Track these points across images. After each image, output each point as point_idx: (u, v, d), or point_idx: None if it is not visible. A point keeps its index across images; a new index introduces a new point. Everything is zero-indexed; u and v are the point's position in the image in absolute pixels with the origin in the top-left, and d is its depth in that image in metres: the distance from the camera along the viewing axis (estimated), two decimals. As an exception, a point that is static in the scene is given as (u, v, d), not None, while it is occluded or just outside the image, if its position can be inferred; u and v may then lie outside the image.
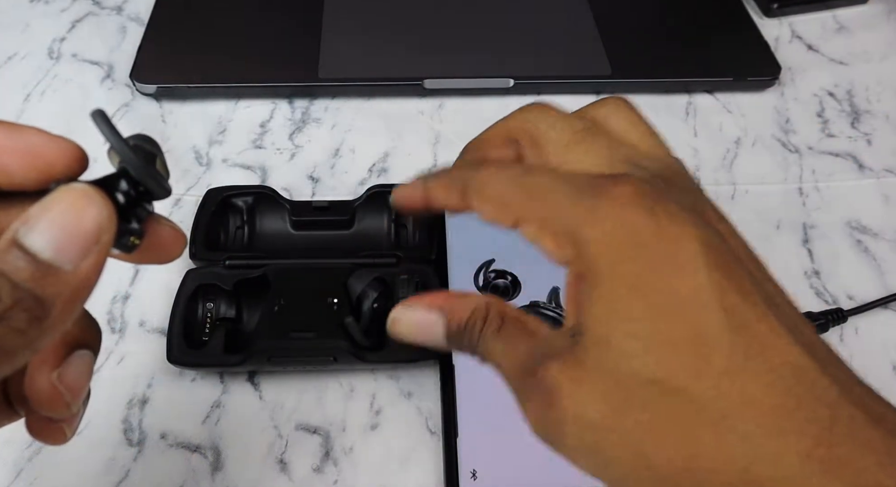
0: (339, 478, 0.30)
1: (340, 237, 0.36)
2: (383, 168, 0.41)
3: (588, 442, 0.17)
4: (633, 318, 0.17)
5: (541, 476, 0.29)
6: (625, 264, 0.18)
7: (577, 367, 0.18)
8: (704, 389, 0.16)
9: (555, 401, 0.18)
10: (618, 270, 0.18)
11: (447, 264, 0.35)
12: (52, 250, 0.15)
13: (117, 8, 0.50)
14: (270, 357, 0.31)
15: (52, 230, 0.16)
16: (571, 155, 0.21)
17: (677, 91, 0.46)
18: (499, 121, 0.23)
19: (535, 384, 0.18)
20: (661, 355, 0.17)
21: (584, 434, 0.17)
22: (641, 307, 0.17)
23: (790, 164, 0.43)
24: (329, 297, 0.32)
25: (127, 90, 0.45)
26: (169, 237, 0.20)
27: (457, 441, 0.29)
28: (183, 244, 0.20)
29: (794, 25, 0.51)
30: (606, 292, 0.18)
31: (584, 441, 0.17)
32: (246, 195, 0.36)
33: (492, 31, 0.48)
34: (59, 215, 0.16)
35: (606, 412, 0.17)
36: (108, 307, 0.35)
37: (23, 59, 0.46)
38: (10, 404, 0.20)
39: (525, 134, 0.22)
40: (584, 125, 0.21)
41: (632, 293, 0.17)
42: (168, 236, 0.20)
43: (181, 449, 0.30)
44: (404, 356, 0.32)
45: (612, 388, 0.17)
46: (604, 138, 0.21)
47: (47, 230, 0.15)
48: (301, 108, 0.44)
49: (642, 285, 0.17)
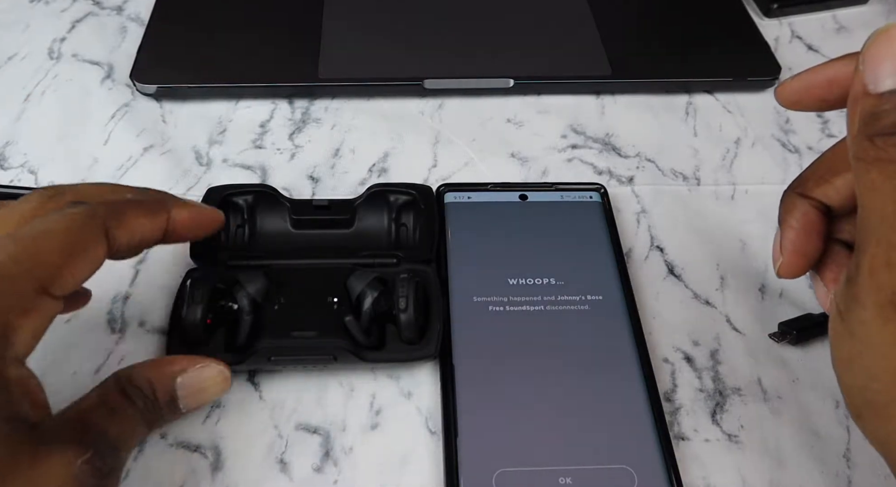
0: (339, 478, 0.30)
1: (341, 236, 0.36)
2: (383, 168, 0.41)
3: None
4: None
5: (541, 475, 0.29)
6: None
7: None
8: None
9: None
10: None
11: (447, 264, 0.35)
12: (186, 409, 0.26)
13: (117, 8, 0.50)
14: (270, 357, 0.31)
15: (192, 397, 0.26)
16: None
17: (677, 91, 0.46)
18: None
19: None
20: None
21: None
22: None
23: (790, 164, 0.43)
24: (329, 296, 0.33)
25: (127, 90, 0.45)
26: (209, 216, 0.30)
27: (457, 441, 0.29)
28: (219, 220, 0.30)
29: (794, 26, 0.51)
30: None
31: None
32: (246, 194, 0.36)
33: (492, 31, 0.48)
34: (202, 390, 0.26)
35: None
36: (108, 307, 0.35)
37: (23, 60, 0.46)
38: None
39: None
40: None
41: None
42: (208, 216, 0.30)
43: (181, 449, 0.30)
44: (404, 356, 0.32)
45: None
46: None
47: (189, 395, 0.26)
48: (301, 108, 0.44)
49: None
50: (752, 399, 0.33)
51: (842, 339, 0.21)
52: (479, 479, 0.28)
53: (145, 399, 0.25)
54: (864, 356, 0.21)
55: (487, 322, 0.33)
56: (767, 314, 0.35)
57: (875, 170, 0.20)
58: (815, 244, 0.26)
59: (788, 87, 0.24)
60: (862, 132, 0.20)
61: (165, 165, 0.41)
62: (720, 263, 0.38)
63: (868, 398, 0.21)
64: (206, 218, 0.29)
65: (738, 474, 0.30)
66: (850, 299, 0.21)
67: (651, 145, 0.43)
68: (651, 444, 0.30)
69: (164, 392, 0.25)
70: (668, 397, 0.33)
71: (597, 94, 0.46)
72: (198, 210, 0.29)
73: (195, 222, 0.28)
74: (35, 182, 0.40)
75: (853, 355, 0.21)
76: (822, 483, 0.30)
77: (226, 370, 0.27)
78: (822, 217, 0.26)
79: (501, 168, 0.42)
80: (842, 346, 0.22)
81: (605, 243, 0.36)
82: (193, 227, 0.28)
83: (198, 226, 0.29)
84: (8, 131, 0.42)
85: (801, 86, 0.24)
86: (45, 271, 0.23)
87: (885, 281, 0.20)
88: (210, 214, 0.29)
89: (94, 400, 0.24)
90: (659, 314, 0.35)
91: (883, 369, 0.20)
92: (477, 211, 0.38)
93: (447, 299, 0.34)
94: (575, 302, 0.34)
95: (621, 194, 0.41)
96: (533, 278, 0.35)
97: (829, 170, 0.26)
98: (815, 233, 0.26)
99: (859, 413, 0.22)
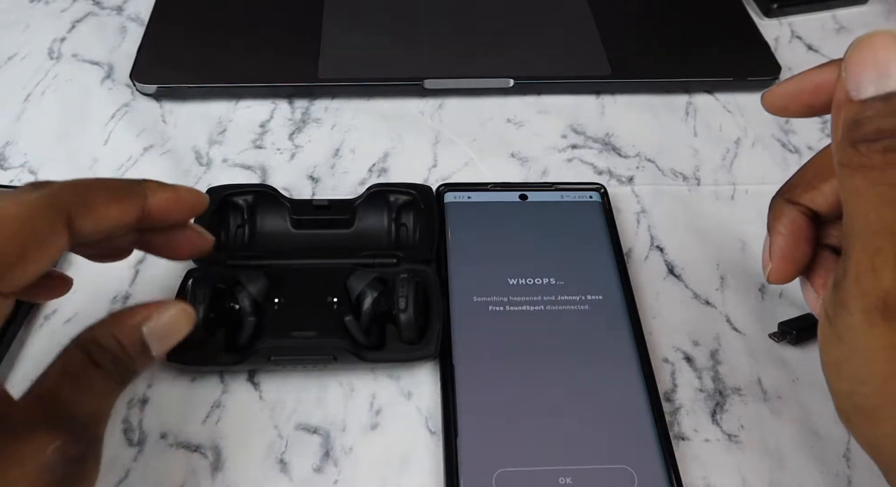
0: (339, 478, 0.30)
1: (341, 236, 0.36)
2: (383, 168, 0.41)
3: None
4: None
5: (541, 475, 0.29)
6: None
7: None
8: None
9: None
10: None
11: (447, 264, 0.35)
12: (158, 354, 0.24)
13: (117, 8, 0.50)
14: (270, 357, 0.31)
15: (162, 342, 0.24)
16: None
17: (677, 91, 0.46)
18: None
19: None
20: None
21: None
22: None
23: (790, 164, 0.43)
24: (329, 296, 0.32)
25: (127, 90, 0.45)
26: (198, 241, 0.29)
27: (457, 441, 0.29)
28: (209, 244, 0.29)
29: (794, 26, 0.51)
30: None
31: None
32: (246, 194, 0.36)
33: (492, 31, 0.48)
34: (171, 333, 0.25)
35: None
36: (108, 307, 0.35)
37: (23, 60, 0.46)
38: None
39: None
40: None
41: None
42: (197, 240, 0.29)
43: (181, 449, 0.30)
44: (404, 356, 0.32)
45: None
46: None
47: (159, 341, 0.24)
48: (301, 108, 0.44)
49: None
50: (752, 399, 0.33)
51: (830, 344, 0.22)
52: (479, 479, 0.28)
53: (114, 358, 0.23)
54: (852, 361, 0.21)
55: (487, 322, 0.33)
56: (767, 314, 0.35)
57: (859, 176, 0.20)
58: (803, 250, 0.26)
59: (775, 93, 0.24)
60: (845, 139, 0.20)
61: (165, 166, 0.41)
62: (720, 263, 0.38)
63: (857, 403, 0.21)
64: (187, 199, 0.27)
65: (738, 474, 0.30)
66: (837, 304, 0.21)
67: (651, 145, 0.43)
68: (651, 444, 0.30)
69: (133, 344, 0.23)
70: (668, 397, 0.33)
71: (597, 94, 0.46)
72: (176, 191, 0.26)
73: (175, 203, 0.26)
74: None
75: (841, 359, 0.21)
76: (822, 483, 0.30)
77: (189, 308, 0.25)
78: (811, 223, 0.26)
79: (501, 168, 0.42)
80: (830, 351, 0.22)
81: (605, 243, 0.36)
82: (174, 209, 0.26)
83: (178, 208, 0.26)
84: (8, 131, 0.42)
85: (788, 92, 0.24)
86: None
87: (871, 286, 0.20)
88: (191, 194, 0.27)
89: (58, 373, 0.22)
90: (659, 314, 0.35)
91: (870, 373, 0.20)
92: (477, 211, 0.38)
93: (447, 300, 0.34)
94: (575, 302, 0.34)
95: (621, 194, 0.41)
96: (533, 278, 0.35)
97: (817, 176, 0.26)
98: (803, 239, 0.26)
99: (849, 417, 0.22)
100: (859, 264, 0.20)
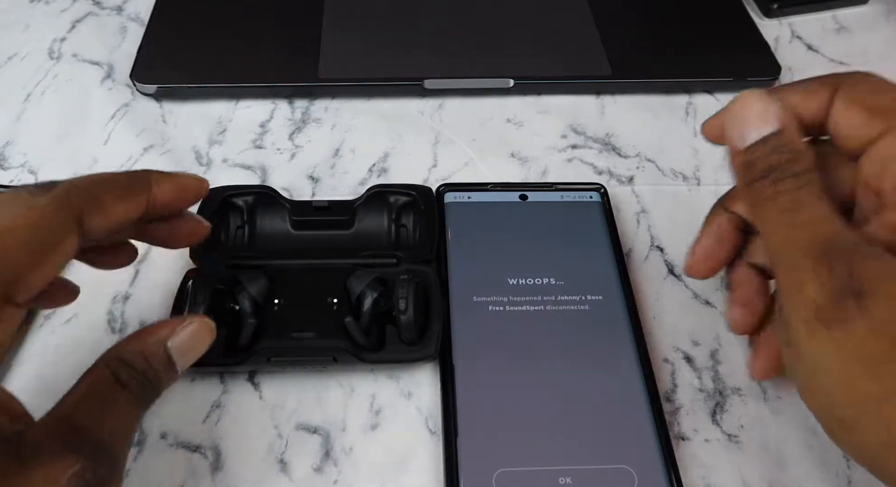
0: (339, 478, 0.30)
1: (340, 237, 0.36)
2: (383, 168, 0.41)
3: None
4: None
5: (541, 475, 0.29)
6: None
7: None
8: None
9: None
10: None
11: (447, 264, 0.35)
12: (182, 369, 0.25)
13: (117, 8, 0.50)
14: (270, 357, 0.31)
15: (186, 356, 0.25)
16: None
17: (677, 91, 0.46)
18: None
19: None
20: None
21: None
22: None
23: (790, 164, 0.43)
24: (329, 297, 0.32)
25: (127, 90, 0.45)
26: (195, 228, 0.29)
27: (457, 441, 0.29)
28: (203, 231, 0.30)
29: (794, 26, 0.51)
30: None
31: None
32: (246, 195, 0.36)
33: (492, 31, 0.48)
34: (194, 347, 0.25)
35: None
36: (108, 307, 0.35)
37: (23, 60, 0.46)
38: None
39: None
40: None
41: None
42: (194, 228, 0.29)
43: (181, 449, 0.30)
44: (404, 357, 0.32)
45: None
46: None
47: (183, 355, 0.25)
48: (301, 108, 0.44)
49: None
50: (752, 399, 0.33)
51: (794, 366, 0.23)
52: (479, 479, 0.28)
53: (140, 378, 0.23)
54: (815, 376, 0.22)
55: (487, 322, 0.33)
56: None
57: (762, 209, 0.24)
58: (725, 251, 0.29)
59: (709, 124, 0.27)
60: (742, 181, 0.24)
61: (165, 166, 0.41)
62: (720, 263, 0.38)
63: (836, 415, 0.22)
64: (190, 186, 0.28)
65: (738, 474, 0.30)
66: (784, 326, 0.23)
67: (651, 145, 0.43)
68: (651, 444, 0.30)
69: (159, 360, 0.24)
70: (668, 397, 0.33)
71: (597, 94, 0.46)
72: (179, 179, 0.27)
73: (179, 193, 0.27)
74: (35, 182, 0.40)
75: (808, 377, 0.22)
76: (822, 483, 0.30)
77: (210, 321, 0.25)
78: (737, 230, 0.29)
79: (501, 168, 0.42)
80: (797, 373, 0.23)
81: (605, 243, 0.36)
82: (177, 198, 0.27)
83: (182, 196, 0.27)
84: (8, 131, 0.42)
85: (720, 123, 0.26)
86: (6, 275, 0.21)
87: (801, 299, 0.22)
88: (192, 180, 0.28)
89: (82, 394, 0.22)
90: (659, 314, 0.35)
91: (833, 382, 0.21)
92: (477, 211, 0.38)
93: (447, 300, 0.34)
94: (575, 302, 0.34)
95: (621, 194, 0.41)
96: (533, 278, 0.35)
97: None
98: (726, 242, 0.29)
99: (832, 431, 0.23)
100: (787, 282, 0.23)
